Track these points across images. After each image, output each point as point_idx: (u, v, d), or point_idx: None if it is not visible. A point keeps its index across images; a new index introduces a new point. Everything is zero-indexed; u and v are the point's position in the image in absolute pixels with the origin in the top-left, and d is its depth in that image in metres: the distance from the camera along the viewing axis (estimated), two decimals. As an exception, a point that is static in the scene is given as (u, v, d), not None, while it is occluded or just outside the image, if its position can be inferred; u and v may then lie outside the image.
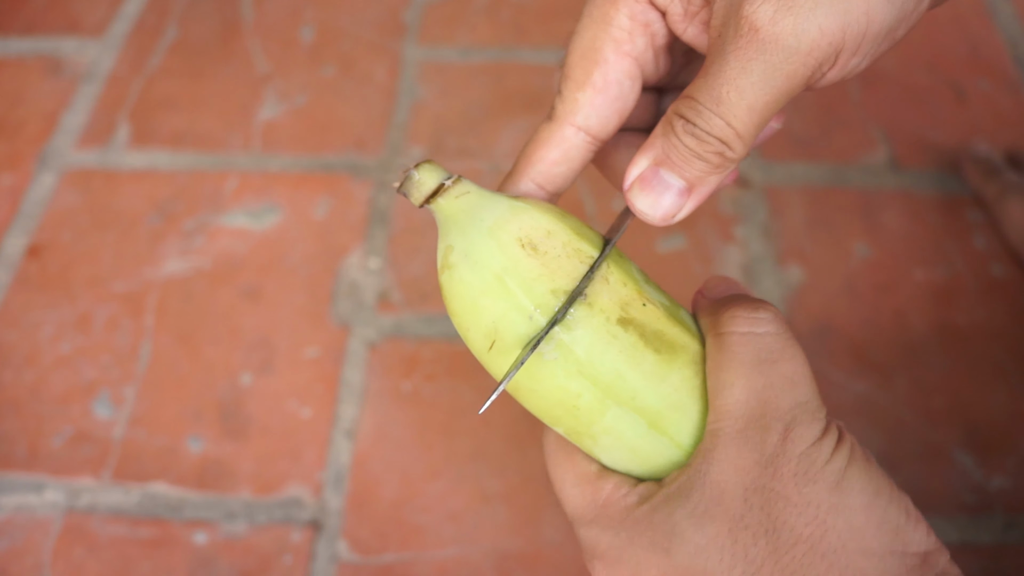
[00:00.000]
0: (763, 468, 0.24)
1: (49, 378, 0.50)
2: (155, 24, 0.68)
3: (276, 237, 0.55)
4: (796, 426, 0.24)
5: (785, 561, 0.23)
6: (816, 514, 0.23)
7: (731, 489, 0.24)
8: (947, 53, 0.63)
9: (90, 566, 0.43)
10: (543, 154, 0.28)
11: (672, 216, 0.26)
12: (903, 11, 0.23)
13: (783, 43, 0.22)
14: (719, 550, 0.24)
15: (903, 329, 0.50)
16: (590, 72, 0.27)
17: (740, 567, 0.23)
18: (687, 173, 0.25)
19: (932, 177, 0.56)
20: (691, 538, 0.24)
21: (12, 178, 0.59)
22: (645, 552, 0.25)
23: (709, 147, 0.24)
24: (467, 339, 0.27)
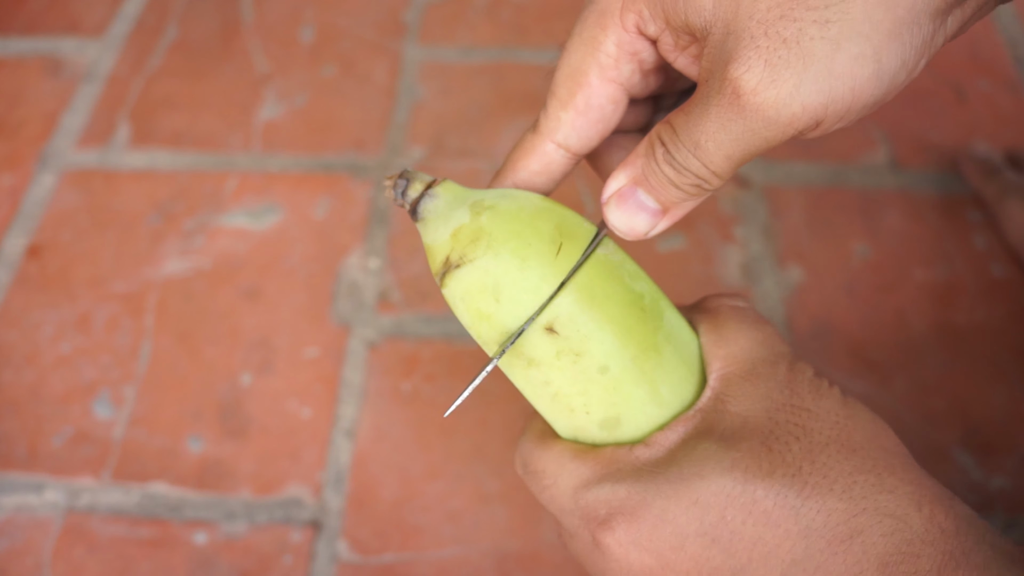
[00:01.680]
0: (781, 390, 0.25)
1: (49, 378, 0.50)
2: (155, 24, 0.68)
3: (276, 237, 0.55)
4: (797, 361, 0.27)
5: (822, 459, 0.24)
6: (837, 420, 0.25)
7: (755, 414, 0.25)
8: (947, 53, 0.63)
9: (90, 566, 0.43)
10: (525, 163, 0.29)
11: (644, 233, 0.27)
12: (893, 83, 0.23)
13: (763, 114, 0.23)
14: (756, 459, 0.24)
15: (903, 329, 0.50)
16: (574, 93, 0.28)
17: (779, 471, 0.24)
18: (662, 197, 0.26)
19: (932, 177, 0.56)
20: (726, 456, 0.24)
21: (12, 178, 0.59)
22: (673, 485, 0.24)
23: (686, 180, 0.25)
24: (525, 258, 0.27)
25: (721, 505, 0.24)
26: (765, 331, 0.27)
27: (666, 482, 0.24)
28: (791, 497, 0.23)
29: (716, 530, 0.24)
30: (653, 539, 0.24)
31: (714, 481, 0.24)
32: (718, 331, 0.27)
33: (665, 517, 0.24)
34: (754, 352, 0.27)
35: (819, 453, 0.24)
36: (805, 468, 0.24)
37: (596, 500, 0.25)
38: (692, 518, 0.24)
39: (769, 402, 0.25)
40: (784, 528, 0.23)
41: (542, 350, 0.27)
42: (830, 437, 0.24)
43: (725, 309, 0.28)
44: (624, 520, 0.25)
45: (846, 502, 0.23)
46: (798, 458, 0.24)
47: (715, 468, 0.24)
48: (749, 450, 0.24)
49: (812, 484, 0.23)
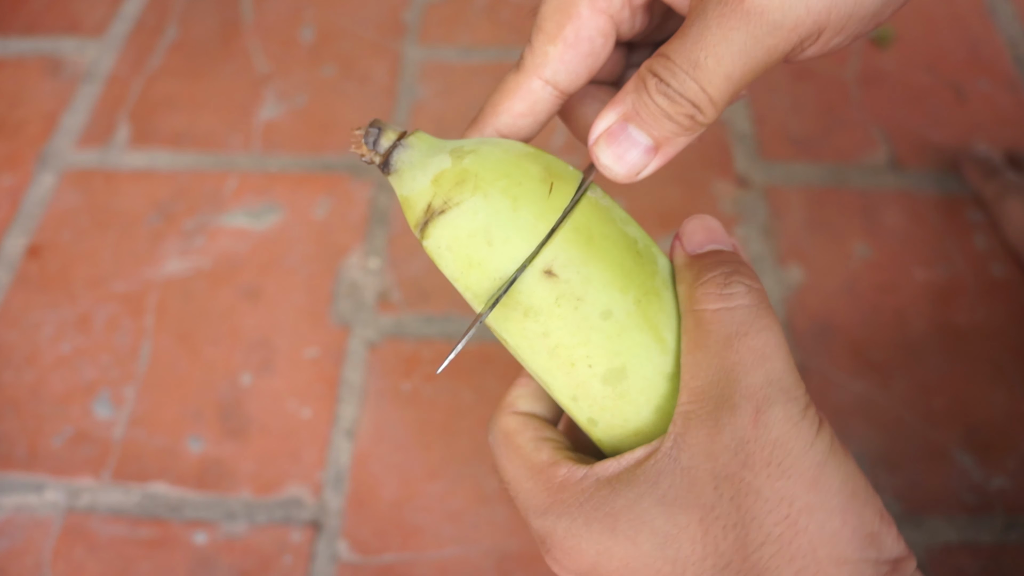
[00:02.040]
0: (734, 454, 0.23)
1: (49, 378, 0.50)
2: (155, 24, 0.68)
3: (276, 237, 0.55)
4: (769, 407, 0.23)
5: (753, 560, 0.22)
6: (788, 513, 0.22)
7: (702, 476, 0.23)
8: (947, 53, 0.63)
9: (90, 566, 0.43)
10: (508, 105, 0.28)
11: (636, 173, 0.26)
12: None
13: (768, 17, 0.22)
14: (691, 541, 0.23)
15: (903, 329, 0.50)
16: (563, 26, 0.26)
17: (711, 559, 0.23)
18: (655, 131, 0.25)
19: (932, 177, 0.56)
20: (660, 527, 0.23)
21: (12, 178, 0.59)
22: (606, 539, 0.24)
23: (680, 109, 0.24)
24: (516, 198, 0.25)
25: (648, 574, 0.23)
26: (742, 352, 0.24)
27: (601, 533, 0.24)
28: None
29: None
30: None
31: (647, 553, 0.23)
32: (692, 351, 0.25)
33: (598, 567, 0.24)
34: (719, 388, 0.23)
35: (752, 552, 0.22)
36: (734, 564, 0.22)
37: (542, 529, 0.25)
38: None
39: (719, 466, 0.23)
40: None
41: (540, 296, 0.25)
42: (769, 535, 0.22)
43: (707, 316, 0.25)
44: (564, 555, 0.25)
45: None
46: (731, 551, 0.22)
47: (649, 538, 0.23)
48: (686, 527, 0.23)
49: None
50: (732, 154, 0.58)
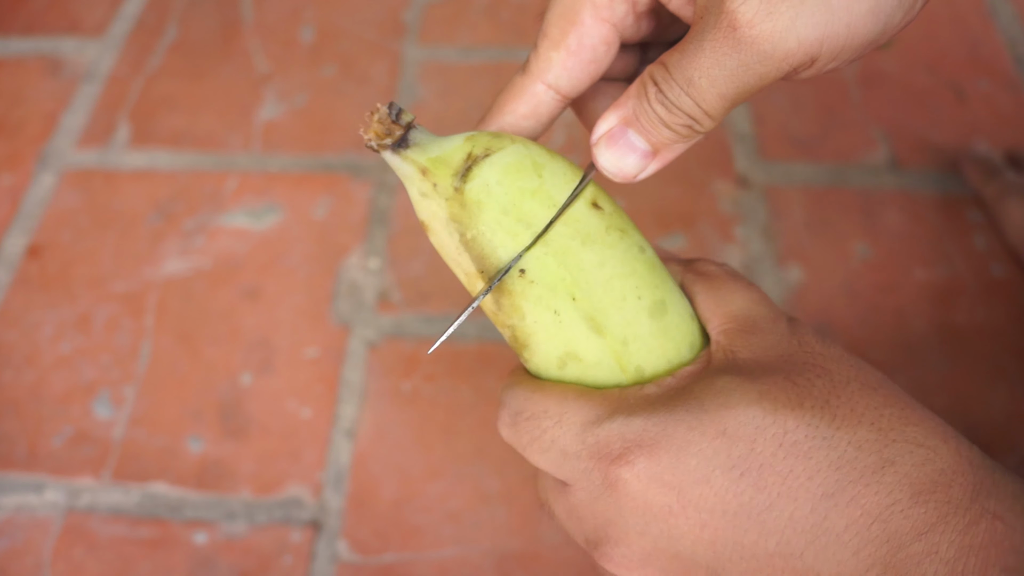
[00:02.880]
0: (788, 340, 0.25)
1: (49, 378, 0.50)
2: (155, 24, 0.68)
3: (276, 237, 0.55)
4: (795, 320, 0.26)
5: (847, 394, 0.23)
6: (851, 363, 0.25)
7: (769, 358, 0.24)
8: (947, 53, 0.63)
9: (90, 566, 0.43)
10: (513, 106, 0.29)
11: (633, 176, 0.27)
12: (889, 23, 0.23)
13: (759, 47, 0.22)
14: (784, 392, 0.23)
15: (903, 329, 0.50)
16: (566, 33, 0.27)
17: (808, 401, 0.23)
18: (653, 138, 0.26)
19: (932, 177, 0.56)
20: (751, 387, 0.23)
21: (12, 178, 0.59)
22: (696, 416, 0.23)
23: (677, 120, 0.25)
24: (551, 152, 0.27)
25: (750, 436, 0.23)
26: (759, 292, 0.27)
27: (687, 413, 0.23)
28: (822, 428, 0.22)
29: (745, 462, 0.22)
30: (676, 473, 0.23)
31: (742, 411, 0.23)
32: (714, 292, 0.27)
33: (689, 449, 0.23)
34: (753, 310, 0.26)
35: (842, 389, 0.23)
36: (832, 401, 0.23)
37: (610, 434, 0.24)
38: (719, 450, 0.23)
39: (780, 349, 0.25)
40: (816, 460, 0.22)
41: (594, 225, 0.26)
42: (849, 376, 0.24)
43: (716, 271, 0.28)
44: (644, 453, 0.23)
45: (876, 433, 0.23)
46: (824, 392, 0.23)
47: (742, 399, 0.23)
48: (775, 383, 0.23)
49: (841, 416, 0.23)
50: (732, 154, 0.58)
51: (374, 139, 0.26)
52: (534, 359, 0.27)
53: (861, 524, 0.22)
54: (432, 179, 0.26)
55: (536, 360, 0.27)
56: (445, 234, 0.26)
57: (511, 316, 0.26)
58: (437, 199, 0.26)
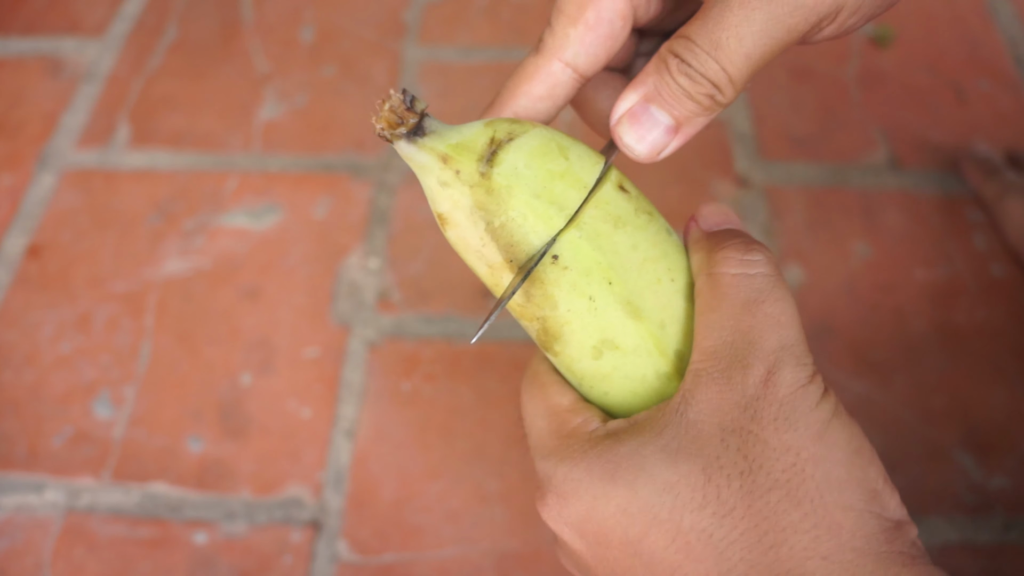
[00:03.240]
0: (743, 410, 0.23)
1: (49, 378, 0.50)
2: (155, 24, 0.68)
3: (276, 237, 0.55)
4: (780, 369, 0.24)
5: (759, 506, 0.22)
6: (795, 461, 0.22)
7: (708, 429, 0.23)
8: (947, 53, 0.63)
9: (90, 566, 0.43)
10: (528, 88, 0.28)
11: (657, 153, 0.26)
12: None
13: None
14: (690, 488, 0.23)
15: (903, 329, 0.50)
16: (584, 8, 0.27)
17: (711, 507, 0.22)
18: (676, 111, 0.25)
19: (932, 177, 0.56)
20: (660, 474, 0.23)
21: (12, 178, 0.59)
22: (605, 484, 0.24)
23: (701, 88, 0.25)
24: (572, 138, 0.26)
25: (646, 523, 0.23)
26: (758, 316, 0.25)
27: (600, 479, 0.24)
28: (716, 537, 0.22)
29: (639, 546, 0.23)
30: (582, 527, 0.24)
31: (644, 497, 0.23)
32: (707, 312, 0.25)
33: (593, 515, 0.24)
34: (734, 348, 0.24)
35: (758, 498, 0.22)
36: (738, 511, 0.22)
37: (542, 470, 0.26)
38: (617, 525, 0.23)
39: (727, 420, 0.23)
40: (705, 566, 0.22)
41: (623, 206, 0.26)
42: (777, 481, 0.22)
43: (726, 279, 0.25)
44: (559, 501, 0.25)
45: (771, 558, 0.22)
46: (734, 497, 0.22)
47: (648, 483, 0.23)
48: (688, 475, 0.23)
49: (741, 529, 0.22)
50: (732, 154, 0.58)
51: (387, 128, 0.25)
52: (567, 351, 0.26)
53: None
54: (454, 166, 0.25)
55: (569, 352, 0.26)
56: (468, 224, 0.25)
57: (542, 307, 0.25)
58: (460, 187, 0.25)
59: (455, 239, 0.26)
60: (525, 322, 0.27)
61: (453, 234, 0.26)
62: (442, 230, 0.26)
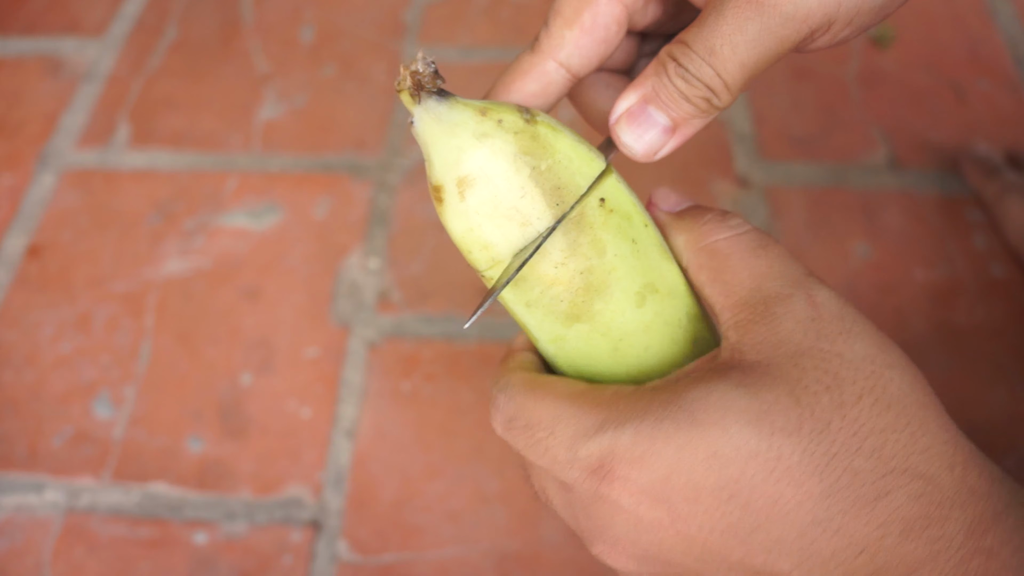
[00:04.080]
0: (804, 333, 0.23)
1: (49, 378, 0.50)
2: (155, 24, 0.68)
3: (276, 237, 0.55)
4: (816, 290, 0.24)
5: (853, 414, 0.22)
6: (874, 368, 0.23)
7: (777, 361, 0.23)
8: (947, 53, 0.63)
9: (90, 566, 0.43)
10: (521, 85, 0.29)
11: (654, 152, 0.27)
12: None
13: (781, 9, 0.23)
14: (783, 413, 0.22)
15: (903, 329, 0.50)
16: (580, 11, 0.27)
17: (807, 426, 0.22)
18: (673, 112, 0.26)
19: (932, 177, 0.56)
20: (747, 407, 0.22)
21: (12, 178, 0.59)
22: (688, 431, 0.22)
23: (697, 92, 0.25)
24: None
25: (743, 460, 0.22)
26: (770, 257, 0.25)
27: (677, 429, 0.22)
28: (818, 455, 0.22)
29: (736, 485, 0.22)
30: (665, 488, 0.22)
31: (736, 433, 0.22)
32: (720, 276, 0.26)
33: (679, 468, 0.22)
34: (765, 289, 0.24)
35: (851, 408, 0.22)
36: (835, 424, 0.22)
37: (600, 449, 0.23)
38: (710, 472, 0.22)
39: (792, 346, 0.23)
40: (807, 488, 0.21)
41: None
42: (864, 389, 0.22)
43: (721, 243, 0.26)
44: (634, 468, 0.23)
45: (875, 462, 0.22)
46: (828, 412, 0.22)
47: (737, 418, 0.22)
48: (775, 401, 0.22)
49: (841, 442, 0.22)
50: (732, 154, 0.58)
51: (412, 88, 0.24)
52: (608, 308, 0.26)
53: (847, 554, 0.21)
54: (495, 116, 0.25)
55: (611, 308, 0.26)
56: (510, 173, 0.25)
57: (589, 256, 0.25)
58: (504, 135, 0.25)
59: (481, 201, 0.25)
60: (560, 285, 0.26)
61: (482, 195, 0.25)
62: (458, 200, 0.25)
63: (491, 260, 0.26)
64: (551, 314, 0.26)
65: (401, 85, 0.24)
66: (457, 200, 0.25)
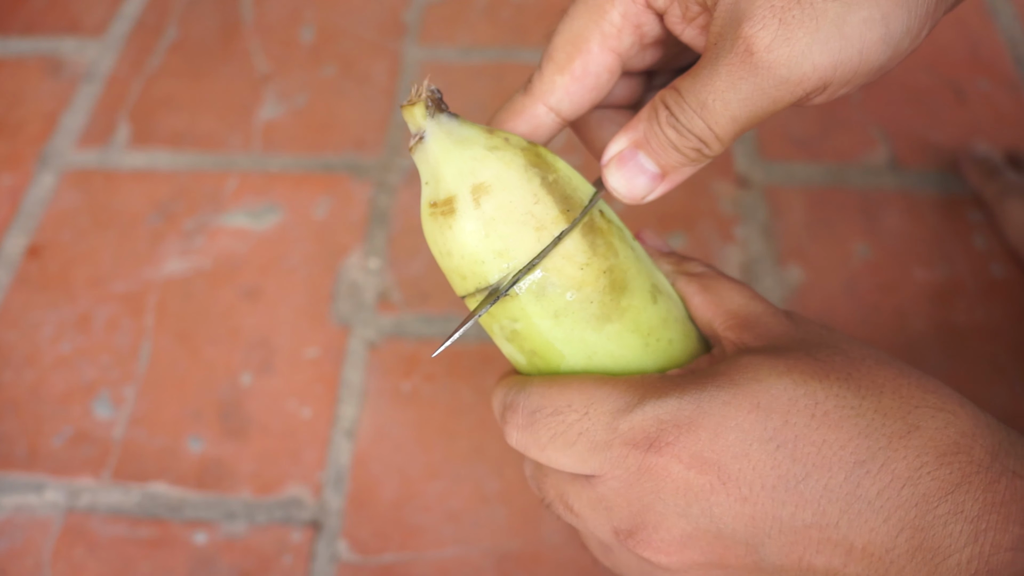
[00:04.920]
0: (796, 329, 0.26)
1: (49, 378, 0.50)
2: (155, 24, 0.68)
3: (276, 237, 0.55)
4: (793, 312, 0.27)
5: (864, 368, 0.25)
6: (859, 343, 0.26)
7: (783, 342, 0.25)
8: (947, 53, 0.63)
9: (90, 566, 0.43)
10: (513, 125, 0.30)
11: (642, 197, 0.28)
12: (897, 49, 0.24)
13: (775, 72, 0.23)
14: (810, 365, 0.24)
15: (903, 329, 0.50)
16: (572, 59, 0.28)
17: (833, 375, 0.24)
18: (663, 160, 0.27)
19: (932, 177, 0.56)
20: (777, 364, 0.24)
21: (12, 178, 0.59)
22: (730, 390, 0.24)
23: (688, 143, 0.26)
24: None
25: (784, 408, 0.23)
26: (745, 289, 0.28)
27: (719, 389, 0.24)
28: (849, 397, 0.23)
29: (781, 434, 0.23)
30: (715, 449, 0.23)
31: (773, 383, 0.23)
32: (710, 292, 0.28)
33: (726, 424, 0.23)
34: (751, 306, 0.27)
35: (860, 364, 0.24)
36: (854, 374, 0.24)
37: (644, 419, 0.24)
38: (756, 423, 0.23)
39: (789, 336, 0.25)
40: (847, 429, 0.23)
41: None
42: (863, 353, 0.25)
43: (707, 271, 0.29)
44: (683, 432, 0.23)
45: (899, 400, 0.23)
46: (844, 366, 0.24)
47: (771, 372, 0.24)
48: (798, 358, 0.24)
49: (865, 386, 0.24)
50: (732, 154, 0.58)
51: (428, 103, 0.26)
52: (633, 303, 0.27)
53: (892, 489, 0.22)
54: (502, 135, 0.27)
55: (635, 303, 0.27)
56: (522, 181, 0.26)
57: (607, 256, 0.26)
58: (512, 149, 0.26)
59: (496, 207, 0.26)
60: (588, 286, 0.26)
61: (499, 200, 0.26)
62: (473, 207, 0.26)
63: (505, 268, 0.26)
64: (583, 319, 0.26)
65: (414, 99, 0.26)
66: (472, 207, 0.26)
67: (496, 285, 0.26)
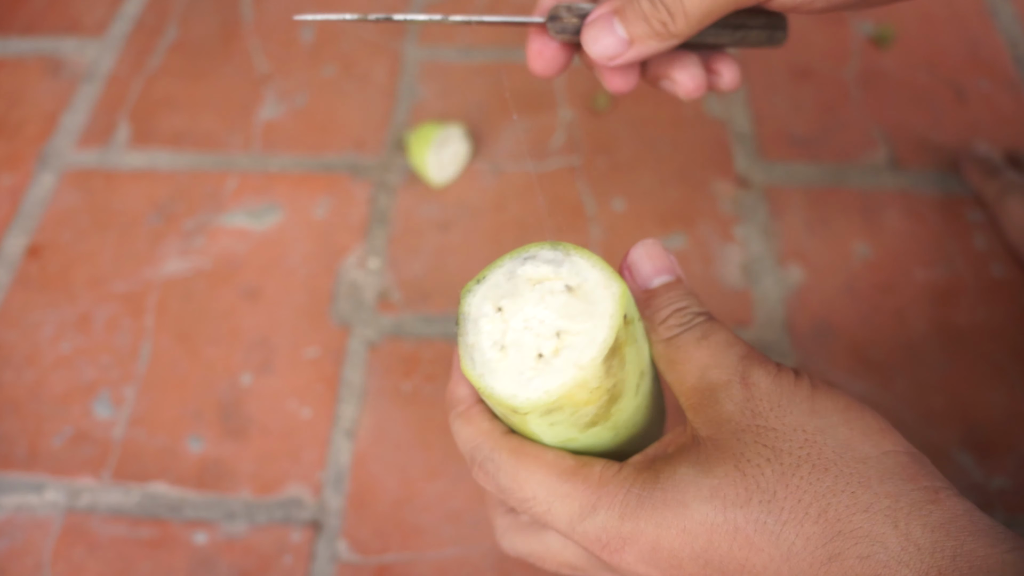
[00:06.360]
0: (741, 413, 0.26)
1: (49, 378, 0.50)
2: (155, 24, 0.68)
3: (276, 237, 0.55)
4: (750, 371, 0.26)
5: (795, 483, 0.24)
6: (806, 436, 0.25)
7: (723, 438, 0.25)
8: (947, 53, 0.63)
9: (90, 566, 0.43)
10: None
11: (608, 57, 0.32)
12: None
13: None
14: (733, 487, 0.24)
15: (903, 329, 0.50)
16: None
17: (756, 497, 0.24)
18: (631, 29, 0.31)
19: (932, 177, 0.56)
20: (703, 484, 0.25)
21: (12, 178, 0.59)
22: (660, 514, 0.25)
23: (657, 15, 0.30)
24: None
25: (707, 532, 0.24)
26: (712, 346, 0.27)
27: (653, 509, 0.25)
28: (770, 523, 0.24)
29: (707, 554, 0.25)
30: (656, 560, 0.25)
31: (696, 510, 0.25)
32: (676, 366, 0.28)
33: (660, 544, 0.25)
34: (708, 378, 0.27)
35: (791, 476, 0.24)
36: (780, 493, 0.24)
37: (596, 529, 0.26)
38: (683, 544, 0.25)
39: (733, 426, 0.26)
40: (767, 552, 0.24)
41: None
42: (800, 457, 0.24)
43: (675, 340, 0.28)
44: (627, 544, 0.26)
45: (821, 525, 0.23)
46: (772, 482, 0.24)
47: (696, 496, 0.25)
48: (725, 476, 0.25)
49: (788, 509, 0.24)
50: (732, 154, 0.58)
51: None
52: (619, 404, 0.28)
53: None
54: None
55: (621, 404, 0.28)
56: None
57: (616, 374, 0.27)
58: None
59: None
60: (588, 408, 0.27)
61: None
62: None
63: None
64: (573, 427, 0.27)
65: None
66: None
67: None
